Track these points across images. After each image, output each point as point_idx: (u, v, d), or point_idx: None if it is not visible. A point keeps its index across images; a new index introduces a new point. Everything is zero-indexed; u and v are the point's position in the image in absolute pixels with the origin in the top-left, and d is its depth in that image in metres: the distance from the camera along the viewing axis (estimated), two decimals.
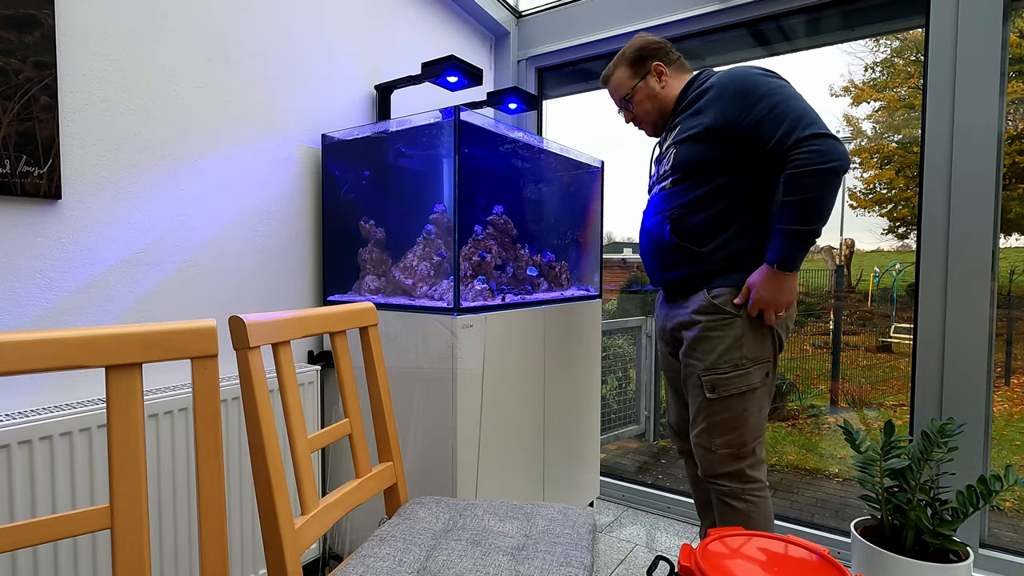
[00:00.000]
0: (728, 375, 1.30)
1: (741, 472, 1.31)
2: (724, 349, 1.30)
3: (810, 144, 1.16)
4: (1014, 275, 3.91)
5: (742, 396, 1.30)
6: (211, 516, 0.78)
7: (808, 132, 1.17)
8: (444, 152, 1.52)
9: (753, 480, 1.32)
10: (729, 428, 1.31)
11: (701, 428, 1.35)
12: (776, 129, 1.21)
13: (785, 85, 1.25)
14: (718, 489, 1.35)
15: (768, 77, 1.26)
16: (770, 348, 1.32)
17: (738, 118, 1.25)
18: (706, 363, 1.31)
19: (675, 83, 1.44)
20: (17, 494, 1.02)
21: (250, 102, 1.51)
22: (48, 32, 1.11)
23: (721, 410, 1.31)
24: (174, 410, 1.25)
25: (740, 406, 1.30)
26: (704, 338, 1.32)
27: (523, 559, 0.95)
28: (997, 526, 2.41)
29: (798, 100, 1.22)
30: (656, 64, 1.43)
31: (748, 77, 1.27)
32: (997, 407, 3.86)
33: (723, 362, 1.30)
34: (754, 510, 1.31)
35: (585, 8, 2.28)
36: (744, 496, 1.31)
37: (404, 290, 1.63)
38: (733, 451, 1.31)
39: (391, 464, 1.19)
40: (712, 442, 1.33)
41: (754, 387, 1.30)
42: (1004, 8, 1.52)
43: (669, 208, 1.37)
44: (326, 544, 1.69)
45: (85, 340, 0.69)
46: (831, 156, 1.15)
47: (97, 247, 1.23)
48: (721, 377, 1.30)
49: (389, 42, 1.96)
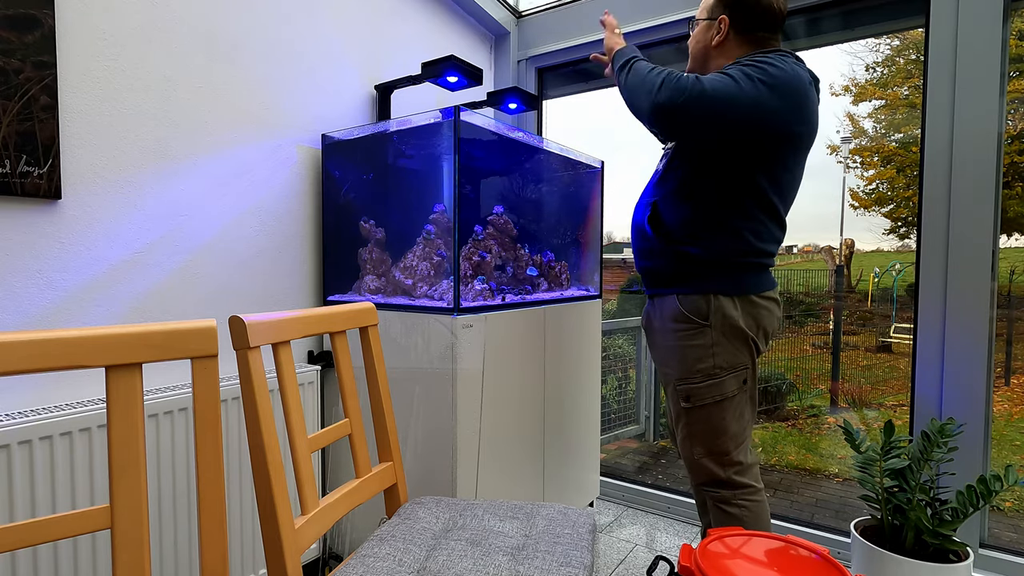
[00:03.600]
0: (701, 385, 1.26)
1: (729, 479, 1.28)
2: (696, 358, 1.26)
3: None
4: (1014, 275, 3.91)
5: (719, 405, 1.26)
6: (211, 516, 0.78)
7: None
8: (444, 152, 1.52)
9: (743, 486, 1.29)
10: (709, 437, 1.28)
11: (683, 436, 1.32)
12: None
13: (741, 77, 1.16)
14: (710, 495, 1.32)
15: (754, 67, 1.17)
16: (746, 354, 1.27)
17: None
18: (678, 373, 1.28)
19: (733, 51, 1.29)
20: (17, 494, 1.02)
21: (250, 102, 1.51)
22: (48, 32, 1.11)
23: (698, 419, 1.28)
24: (174, 410, 1.25)
25: (717, 415, 1.26)
26: (675, 347, 1.28)
27: (523, 559, 0.95)
28: (997, 526, 2.41)
29: (715, 82, 1.15)
30: (723, 17, 1.27)
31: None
32: (997, 407, 3.86)
33: (695, 372, 1.26)
34: (747, 515, 1.28)
35: (585, 8, 2.28)
36: (735, 501, 1.29)
37: (404, 290, 1.63)
38: (716, 459, 1.28)
39: (391, 464, 1.19)
40: (694, 450, 1.30)
41: (730, 395, 1.26)
42: (1004, 8, 1.52)
43: (655, 194, 1.33)
44: (326, 544, 1.69)
45: (85, 340, 0.69)
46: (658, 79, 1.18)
47: (97, 247, 1.23)
48: (695, 387, 1.26)
49: (389, 42, 1.96)
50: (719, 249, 1.24)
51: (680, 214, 1.28)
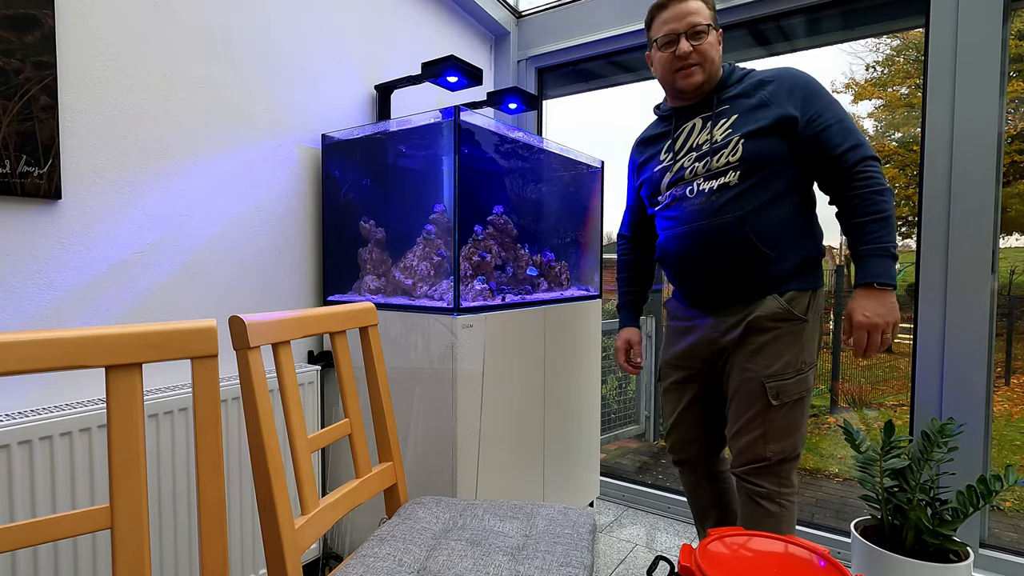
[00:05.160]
0: (791, 380, 1.27)
1: (786, 476, 1.30)
2: (792, 355, 1.28)
3: (875, 165, 1.22)
4: (1014, 275, 3.91)
5: (800, 401, 1.29)
6: (211, 516, 0.78)
7: (871, 154, 1.22)
8: (444, 152, 1.52)
9: (791, 484, 1.31)
10: (786, 434, 1.29)
11: (756, 435, 1.30)
12: (844, 140, 1.23)
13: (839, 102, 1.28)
14: (754, 490, 1.31)
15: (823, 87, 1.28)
16: (816, 350, 1.32)
17: (808, 116, 1.25)
18: (772, 369, 1.28)
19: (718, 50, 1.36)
20: (17, 494, 1.02)
21: (250, 102, 1.51)
22: (48, 32, 1.11)
23: (781, 416, 1.28)
24: (174, 410, 1.25)
25: (797, 411, 1.29)
26: (773, 343, 1.28)
27: (523, 559, 0.95)
28: (997, 526, 2.41)
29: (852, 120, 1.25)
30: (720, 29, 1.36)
31: (812, 80, 1.28)
32: (997, 407, 3.86)
33: (788, 368, 1.27)
34: (784, 514, 1.30)
35: (585, 8, 2.28)
36: (779, 499, 1.30)
37: (404, 290, 1.63)
38: (786, 456, 1.29)
39: (391, 464, 1.19)
40: (767, 448, 1.29)
41: (810, 390, 1.31)
42: (1004, 8, 1.52)
43: (742, 209, 1.27)
44: (326, 544, 1.69)
45: (85, 340, 0.69)
46: (886, 182, 1.23)
47: (97, 247, 1.23)
48: (785, 383, 1.27)
49: (389, 42, 1.96)
50: (812, 250, 1.32)
51: (779, 219, 1.29)
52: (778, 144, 1.26)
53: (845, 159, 1.23)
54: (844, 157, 1.23)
